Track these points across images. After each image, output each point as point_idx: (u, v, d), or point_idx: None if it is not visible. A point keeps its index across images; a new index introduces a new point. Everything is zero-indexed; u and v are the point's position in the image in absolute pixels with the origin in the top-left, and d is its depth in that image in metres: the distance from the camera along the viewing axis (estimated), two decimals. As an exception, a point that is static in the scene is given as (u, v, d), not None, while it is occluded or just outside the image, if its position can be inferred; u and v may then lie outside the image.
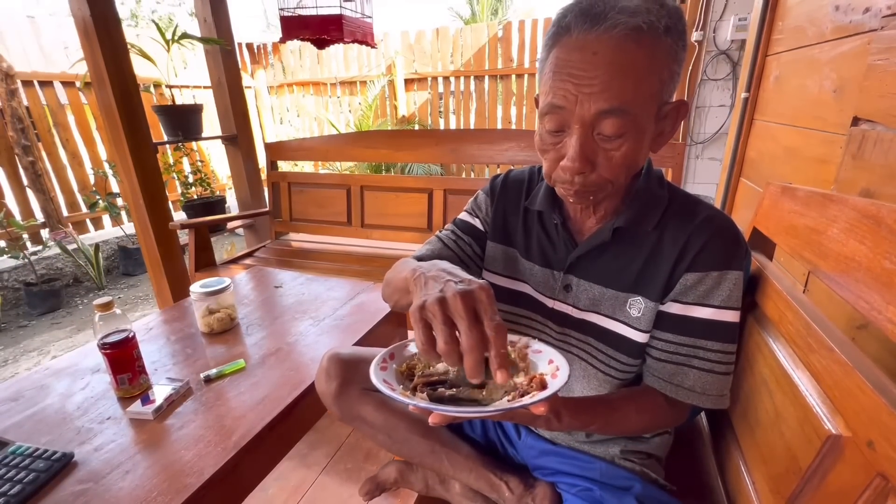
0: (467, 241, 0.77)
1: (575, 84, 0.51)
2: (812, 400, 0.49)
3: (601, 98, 0.50)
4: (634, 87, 0.50)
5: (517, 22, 4.07)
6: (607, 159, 0.54)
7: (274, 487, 1.26)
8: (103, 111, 1.86)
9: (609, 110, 0.50)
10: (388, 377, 0.52)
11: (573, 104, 0.51)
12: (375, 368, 0.52)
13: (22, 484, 0.66)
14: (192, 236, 1.97)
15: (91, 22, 1.69)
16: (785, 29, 1.30)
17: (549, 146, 0.57)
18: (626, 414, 0.60)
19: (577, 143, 0.53)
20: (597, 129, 0.52)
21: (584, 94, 0.50)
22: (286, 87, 5.13)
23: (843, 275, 0.50)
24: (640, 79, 0.51)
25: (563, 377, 0.49)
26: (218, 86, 2.40)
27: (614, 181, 0.56)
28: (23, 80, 2.91)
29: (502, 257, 0.75)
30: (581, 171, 0.53)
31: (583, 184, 0.55)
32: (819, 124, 1.06)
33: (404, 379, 0.54)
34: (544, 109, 0.55)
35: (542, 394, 0.46)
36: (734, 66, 2.43)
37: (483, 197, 0.78)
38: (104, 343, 0.84)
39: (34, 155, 2.95)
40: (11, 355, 2.25)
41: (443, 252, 0.77)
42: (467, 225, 0.78)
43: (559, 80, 0.52)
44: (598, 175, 0.55)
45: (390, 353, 0.57)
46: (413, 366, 0.56)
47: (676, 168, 1.69)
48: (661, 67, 0.51)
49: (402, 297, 0.60)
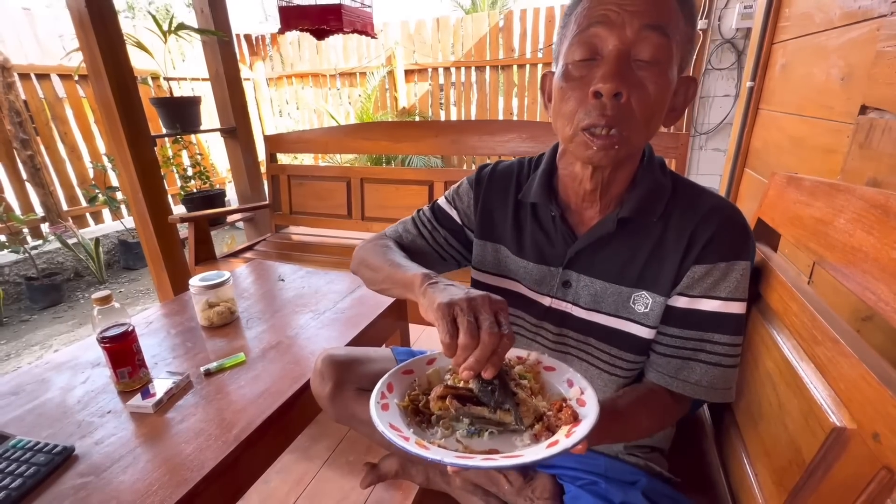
0: (443, 235, 0.76)
1: (618, 4, 0.50)
2: (816, 392, 0.48)
3: (646, 14, 0.50)
4: (672, 18, 0.51)
5: (518, 11, 4.02)
6: (641, 88, 0.51)
7: (276, 480, 1.26)
8: (100, 104, 1.84)
9: (654, 25, 0.50)
10: (393, 418, 0.49)
11: (613, 22, 0.50)
12: (377, 409, 0.49)
13: (23, 478, 0.66)
14: (192, 230, 1.97)
15: (87, 13, 1.67)
16: (792, 16, 1.27)
17: (574, 81, 0.53)
18: (638, 421, 0.59)
19: (615, 60, 0.51)
20: (635, 52, 0.51)
21: (627, 11, 0.50)
22: (285, 78, 5.09)
23: (850, 266, 0.49)
24: (674, 15, 0.51)
25: (592, 406, 0.47)
26: (216, 78, 2.38)
27: (643, 124, 0.53)
28: (19, 72, 2.88)
29: (491, 255, 0.73)
30: (618, 89, 0.50)
31: (614, 115, 0.51)
32: (826, 113, 1.04)
33: (409, 415, 0.52)
34: (575, 39, 0.53)
35: (579, 431, 0.44)
36: (739, 55, 2.40)
37: (466, 188, 0.76)
38: (103, 337, 0.84)
39: (33, 149, 2.94)
40: (14, 349, 2.26)
41: (418, 242, 0.77)
42: (445, 215, 0.77)
43: (597, 6, 0.51)
44: (630, 106, 0.51)
45: (388, 385, 0.54)
46: (415, 397, 0.53)
47: (680, 159, 1.67)
48: (685, 21, 0.52)
49: (394, 289, 0.62)
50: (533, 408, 0.50)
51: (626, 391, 0.62)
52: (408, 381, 0.57)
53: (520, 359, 0.59)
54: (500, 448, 0.48)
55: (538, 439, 0.48)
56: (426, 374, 0.58)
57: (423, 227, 0.77)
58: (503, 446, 0.48)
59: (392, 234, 0.80)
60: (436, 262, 0.78)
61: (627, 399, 0.60)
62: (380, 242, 0.75)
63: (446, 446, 0.47)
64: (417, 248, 0.77)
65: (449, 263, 0.79)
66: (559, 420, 0.48)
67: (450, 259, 0.77)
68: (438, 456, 0.43)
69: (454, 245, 0.76)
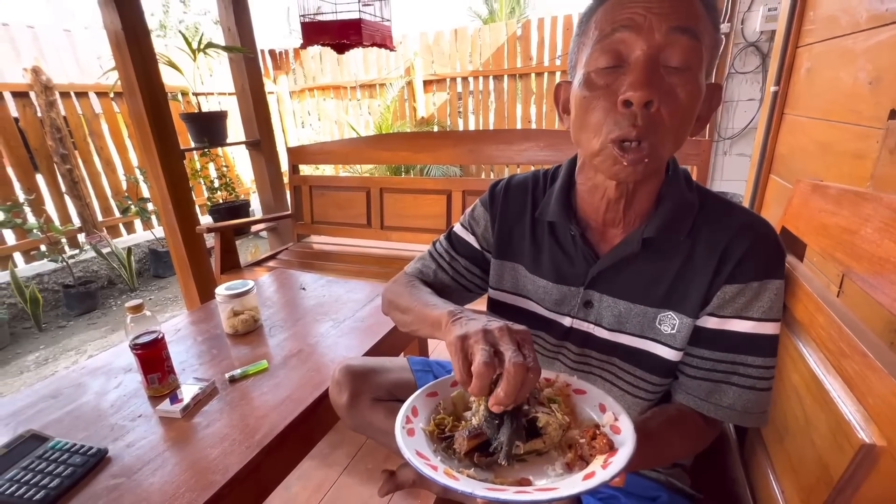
0: (464, 265, 0.74)
1: (644, 6, 0.47)
2: (844, 407, 0.47)
3: (673, 17, 0.46)
4: (700, 21, 0.48)
5: (536, 20, 4.03)
6: (672, 96, 0.48)
7: (297, 486, 1.28)
8: (134, 119, 1.94)
9: (683, 28, 0.47)
10: (419, 445, 0.47)
11: (641, 26, 0.47)
12: (402, 434, 0.47)
13: (61, 478, 0.69)
14: (218, 239, 2.03)
15: (122, 34, 1.77)
16: (816, 19, 1.24)
17: (599, 90, 0.50)
18: (671, 445, 0.56)
19: (645, 66, 0.47)
20: (664, 58, 0.48)
21: (654, 13, 0.47)
22: (307, 91, 5.23)
23: (878, 276, 0.48)
24: (702, 18, 0.48)
25: (629, 434, 0.45)
26: (242, 92, 2.47)
27: (672, 134, 0.50)
28: (60, 91, 3.05)
29: (508, 274, 0.71)
30: (649, 97, 0.46)
31: (646, 126, 0.48)
32: (854, 118, 1.01)
33: (436, 442, 0.50)
34: (598, 45, 0.50)
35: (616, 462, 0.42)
36: (764, 59, 2.34)
37: (481, 210, 0.73)
38: (135, 344, 0.87)
39: (71, 163, 3.10)
40: (52, 354, 2.37)
41: (440, 276, 0.75)
42: (462, 243, 0.75)
43: (622, 9, 0.48)
44: (660, 116, 0.48)
45: (412, 409, 0.52)
46: (440, 421, 0.52)
47: (702, 165, 1.64)
48: (712, 26, 0.49)
49: (424, 329, 0.59)
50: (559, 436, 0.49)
51: (656, 413, 0.59)
52: (432, 405, 0.56)
53: (548, 381, 0.57)
54: (531, 475, 0.46)
55: (570, 468, 0.46)
56: (450, 396, 0.57)
57: (441, 260, 0.75)
58: (534, 473, 0.47)
59: (413, 272, 0.77)
60: (462, 295, 0.76)
61: (658, 421, 0.57)
62: (404, 281, 0.73)
63: (475, 476, 0.45)
64: (441, 283, 0.75)
65: (474, 293, 0.77)
66: (593, 449, 0.46)
67: (474, 288, 0.75)
68: (469, 488, 0.41)
69: (475, 272, 0.74)
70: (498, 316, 0.74)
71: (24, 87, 2.91)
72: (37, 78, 2.88)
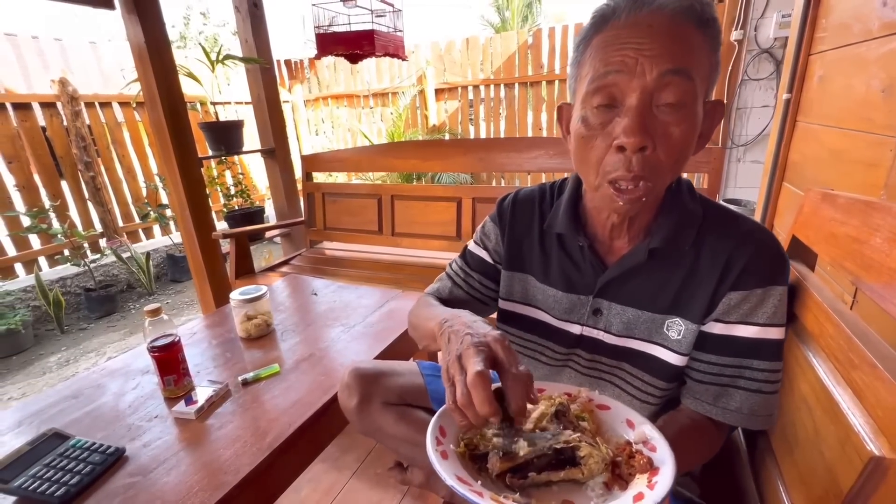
0: (477, 279, 0.76)
1: (635, 49, 0.47)
2: (853, 419, 0.47)
3: (664, 59, 0.47)
4: (694, 56, 0.48)
5: (547, 28, 4.05)
6: (666, 137, 0.49)
7: (306, 489, 1.30)
8: (154, 128, 2.00)
9: (675, 70, 0.47)
10: (457, 469, 0.46)
11: (632, 70, 0.47)
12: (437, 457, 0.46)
13: (80, 475, 0.72)
14: (233, 245, 2.08)
15: (145, 46, 1.83)
16: (829, 26, 1.23)
17: (595, 130, 0.51)
18: (687, 453, 0.55)
19: (637, 111, 0.48)
20: (657, 98, 0.48)
21: (646, 56, 0.47)
22: (321, 100, 5.32)
23: (887, 286, 0.48)
24: (696, 50, 0.48)
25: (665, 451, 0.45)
26: (257, 101, 2.53)
27: (670, 168, 0.51)
28: (85, 101, 3.16)
29: (518, 285, 0.73)
30: (642, 143, 0.48)
31: (641, 169, 0.49)
32: (867, 126, 1.00)
33: (467, 462, 0.49)
34: (592, 85, 0.50)
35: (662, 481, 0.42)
36: (778, 65, 2.32)
37: (491, 226, 0.75)
38: (153, 346, 0.90)
39: (94, 170, 3.20)
40: (73, 356, 2.43)
41: (455, 293, 0.77)
42: (476, 259, 0.77)
43: (614, 51, 0.48)
44: (657, 157, 0.49)
45: (440, 429, 0.51)
46: (470, 441, 0.51)
47: (714, 173, 1.63)
48: (709, 51, 0.50)
49: (431, 344, 0.62)
50: (601, 471, 0.47)
51: (668, 422, 0.60)
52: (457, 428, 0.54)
53: (570, 395, 0.57)
54: (573, 498, 0.46)
55: (609, 488, 0.46)
56: None
57: (456, 277, 0.78)
58: (575, 496, 0.46)
59: (433, 292, 0.81)
60: (478, 308, 0.78)
61: (672, 431, 0.56)
62: (423, 301, 0.76)
63: (519, 500, 0.44)
64: (457, 299, 0.77)
65: (490, 307, 0.79)
66: (632, 468, 0.46)
67: (490, 301, 0.77)
68: None
69: (489, 286, 0.76)
70: (508, 326, 0.75)
71: (52, 98, 3.02)
72: (63, 89, 3.00)
